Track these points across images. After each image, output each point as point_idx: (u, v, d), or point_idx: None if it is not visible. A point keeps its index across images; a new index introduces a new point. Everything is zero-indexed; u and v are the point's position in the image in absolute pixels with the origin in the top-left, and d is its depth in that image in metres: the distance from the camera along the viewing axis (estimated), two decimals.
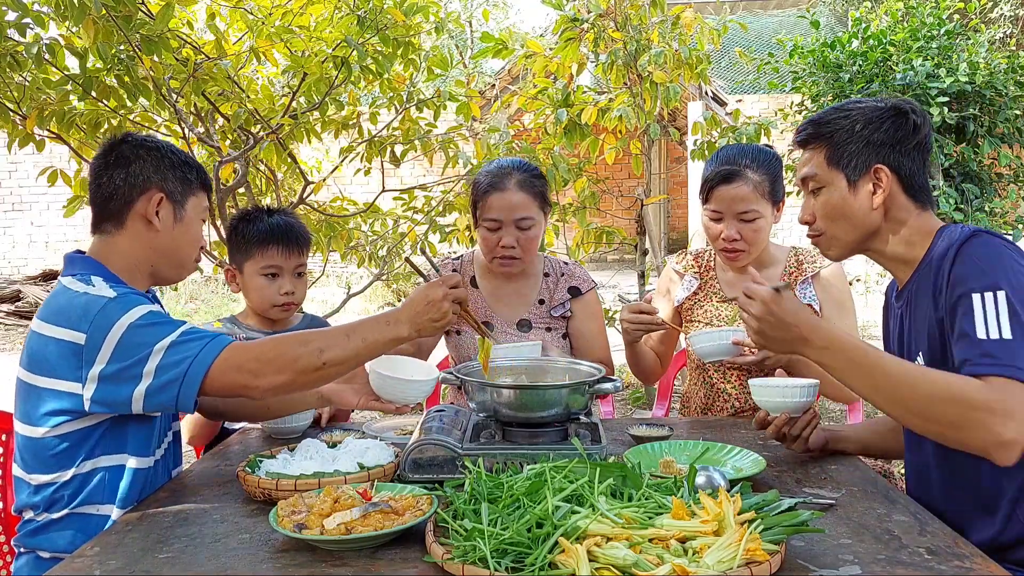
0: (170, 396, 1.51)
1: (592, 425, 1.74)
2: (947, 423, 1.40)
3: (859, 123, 1.61)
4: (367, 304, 9.89)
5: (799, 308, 1.53)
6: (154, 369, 1.51)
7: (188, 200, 1.74)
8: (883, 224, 1.63)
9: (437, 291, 1.62)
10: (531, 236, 2.31)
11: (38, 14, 2.69)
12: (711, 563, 1.12)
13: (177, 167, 1.72)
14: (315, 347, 1.54)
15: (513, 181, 2.29)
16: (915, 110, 1.62)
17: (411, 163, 6.05)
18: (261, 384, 1.52)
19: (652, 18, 4.03)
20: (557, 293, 2.46)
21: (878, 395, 1.47)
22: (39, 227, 11.91)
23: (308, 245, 2.30)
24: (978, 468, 1.51)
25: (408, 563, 1.27)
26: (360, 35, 3.11)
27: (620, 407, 5.38)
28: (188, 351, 1.51)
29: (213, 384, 1.52)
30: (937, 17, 4.41)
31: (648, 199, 4.66)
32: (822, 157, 1.64)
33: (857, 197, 1.62)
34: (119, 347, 1.51)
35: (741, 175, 2.17)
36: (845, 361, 1.49)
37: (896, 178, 1.60)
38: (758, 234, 2.21)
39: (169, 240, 1.72)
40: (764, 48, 7.77)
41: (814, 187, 1.67)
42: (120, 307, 1.54)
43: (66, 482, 1.60)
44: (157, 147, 1.73)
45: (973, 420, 1.36)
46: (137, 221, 1.69)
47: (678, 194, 14.37)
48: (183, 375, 1.50)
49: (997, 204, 4.39)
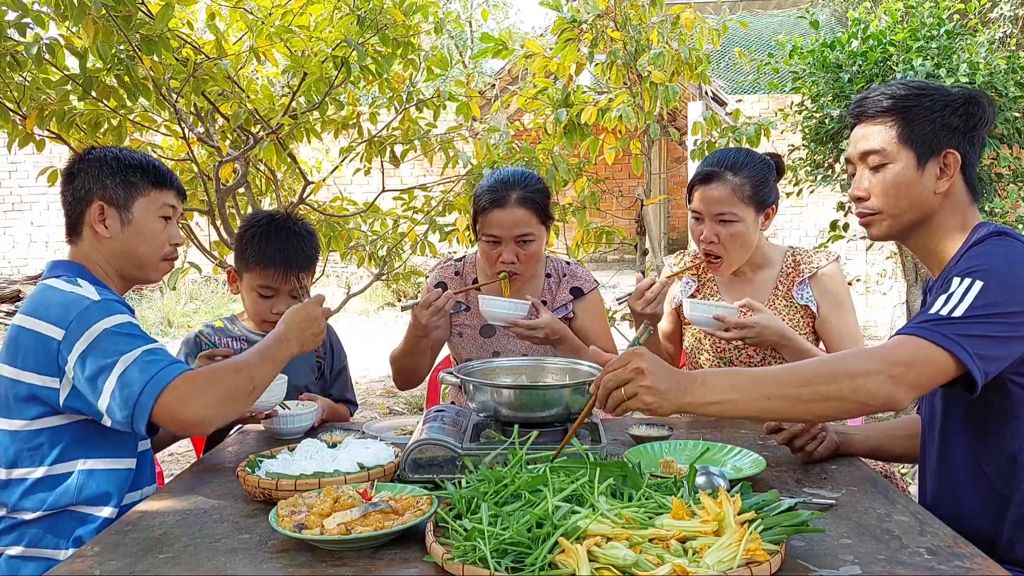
0: (125, 416, 1.53)
1: (592, 425, 1.74)
2: (840, 399, 1.41)
3: (938, 104, 1.57)
4: (367, 304, 9.88)
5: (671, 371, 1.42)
6: (115, 380, 1.53)
7: (134, 203, 1.76)
8: (937, 210, 1.60)
9: (316, 309, 1.81)
10: (532, 251, 2.32)
11: (38, 14, 2.69)
12: (711, 563, 1.12)
13: (117, 172, 1.75)
14: (247, 375, 1.63)
15: (514, 197, 2.28)
16: (989, 101, 1.59)
17: (411, 163, 6.06)
18: (212, 415, 1.57)
19: (652, 18, 4.03)
20: (559, 294, 2.46)
21: (774, 403, 1.41)
22: (39, 227, 11.90)
23: (311, 266, 2.26)
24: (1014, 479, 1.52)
25: (408, 563, 1.27)
26: (360, 35, 3.11)
27: None
28: (144, 374, 1.53)
29: (161, 414, 1.53)
30: (937, 17, 4.41)
31: (648, 199, 4.66)
32: (893, 133, 1.59)
33: (923, 178, 1.58)
34: (91, 349, 1.55)
35: (720, 176, 2.18)
36: (727, 388, 1.41)
37: (961, 166, 1.58)
38: (735, 239, 2.19)
39: (121, 244, 1.76)
40: (764, 48, 7.78)
41: (877, 163, 1.61)
42: (101, 311, 1.59)
43: (40, 479, 1.62)
44: (99, 158, 1.77)
45: (856, 387, 1.39)
46: (88, 231, 1.76)
47: (678, 194, 14.36)
48: (136, 396, 1.52)
49: (997, 204, 4.39)
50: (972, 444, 1.57)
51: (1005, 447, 1.52)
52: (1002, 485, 1.53)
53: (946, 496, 1.62)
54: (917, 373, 1.42)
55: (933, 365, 1.42)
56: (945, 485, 1.63)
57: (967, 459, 1.58)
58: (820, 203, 9.35)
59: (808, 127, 4.77)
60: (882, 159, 1.60)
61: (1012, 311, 1.43)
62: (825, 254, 2.30)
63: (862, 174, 1.64)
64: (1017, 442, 1.51)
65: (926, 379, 1.43)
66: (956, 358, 1.41)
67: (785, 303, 2.26)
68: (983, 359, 1.42)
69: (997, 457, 1.53)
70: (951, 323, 1.43)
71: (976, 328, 1.42)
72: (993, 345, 1.43)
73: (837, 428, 1.82)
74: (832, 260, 2.28)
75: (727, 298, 2.32)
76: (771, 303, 2.27)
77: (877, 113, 1.61)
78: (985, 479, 1.55)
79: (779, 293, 2.28)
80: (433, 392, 2.90)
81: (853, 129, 1.68)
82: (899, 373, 1.41)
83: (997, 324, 1.43)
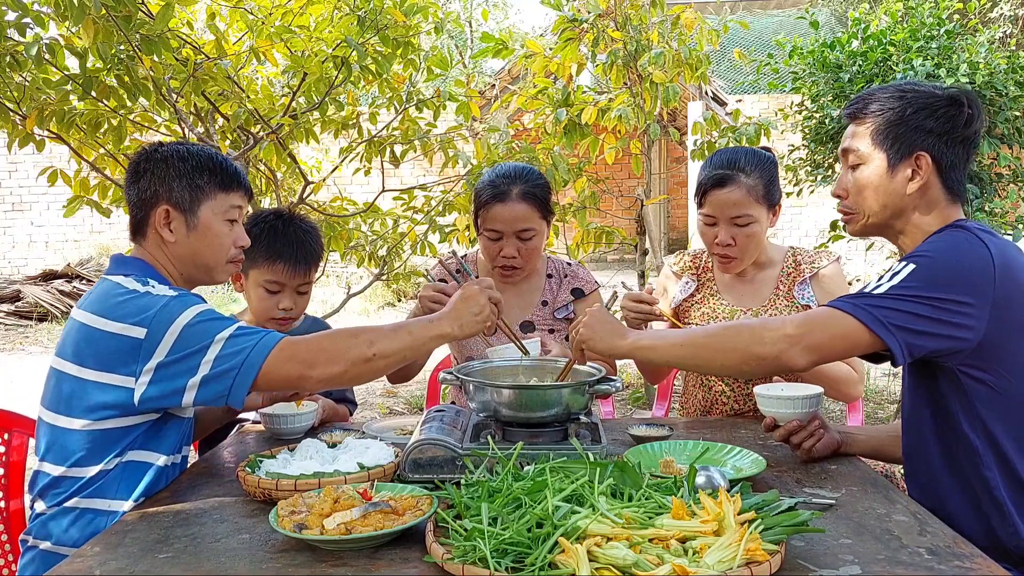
0: (224, 386, 1.54)
1: (592, 425, 1.73)
2: (737, 350, 1.57)
3: (912, 107, 1.60)
4: (367, 304, 9.88)
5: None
6: (212, 359, 1.54)
7: (201, 206, 1.73)
8: (912, 210, 1.63)
9: (473, 288, 1.72)
10: (532, 246, 2.32)
11: (38, 14, 2.69)
12: (711, 563, 1.12)
13: (184, 175, 1.72)
14: (365, 339, 1.59)
15: (515, 192, 2.29)
16: (972, 103, 1.61)
17: (411, 163, 6.05)
18: (315, 374, 1.56)
19: (652, 18, 4.03)
20: (560, 295, 2.46)
21: (684, 350, 1.65)
22: (39, 227, 11.90)
23: (318, 261, 2.27)
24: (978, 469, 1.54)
25: (408, 563, 1.27)
26: (360, 35, 3.11)
27: (620, 407, 5.38)
28: (245, 343, 1.55)
29: (268, 375, 1.54)
30: (937, 17, 4.40)
31: (648, 199, 4.66)
32: (868, 133, 1.64)
33: (893, 180, 1.62)
34: (179, 341, 1.54)
35: (735, 179, 2.17)
36: (653, 336, 1.71)
37: (936, 168, 1.60)
38: (751, 239, 2.20)
39: (187, 249, 1.74)
40: (764, 48, 7.77)
41: (854, 162, 1.67)
42: (180, 305, 1.58)
43: (90, 477, 1.61)
44: (166, 158, 1.73)
45: (752, 341, 1.55)
46: (154, 234, 1.74)
47: (678, 194, 14.37)
48: (240, 365, 1.53)
49: (997, 204, 4.38)
50: (941, 437, 1.61)
51: (968, 438, 1.56)
52: (970, 474, 1.57)
53: (932, 492, 1.64)
54: (818, 337, 1.52)
55: (839, 332, 1.51)
56: (929, 482, 1.66)
57: (940, 452, 1.61)
58: (820, 203, 9.35)
59: (808, 127, 4.76)
60: (857, 159, 1.67)
61: (938, 296, 1.48)
62: (826, 254, 2.30)
63: (845, 172, 1.71)
64: (975, 432, 1.55)
65: (826, 343, 1.52)
66: (869, 329, 1.48)
67: (786, 303, 2.26)
68: (903, 331, 1.48)
69: (965, 449, 1.57)
70: (871, 297, 1.51)
71: (898, 304, 1.49)
72: (917, 322, 1.48)
73: (839, 428, 1.82)
74: (833, 260, 2.28)
75: (727, 299, 2.32)
76: (772, 303, 2.27)
77: (860, 114, 1.67)
78: (956, 471, 1.59)
79: (780, 293, 2.28)
80: (433, 392, 2.90)
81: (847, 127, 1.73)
82: (798, 334, 1.52)
83: (921, 304, 1.48)
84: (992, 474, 1.53)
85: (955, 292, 1.48)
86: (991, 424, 1.53)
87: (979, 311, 1.48)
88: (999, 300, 1.49)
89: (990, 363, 1.52)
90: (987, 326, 1.49)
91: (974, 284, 1.49)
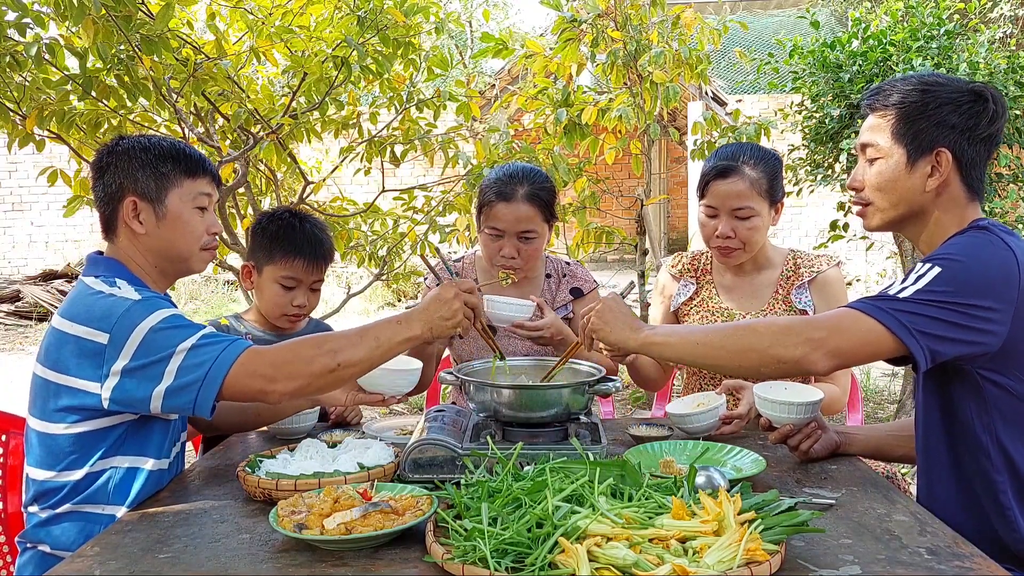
0: (188, 399, 1.52)
1: (592, 425, 1.73)
2: (757, 351, 1.51)
3: (935, 102, 1.56)
4: (367, 304, 9.88)
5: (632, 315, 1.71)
6: (175, 370, 1.51)
7: (168, 194, 1.71)
8: (930, 207, 1.60)
9: (449, 291, 1.65)
10: (533, 248, 2.32)
11: (38, 14, 2.69)
12: (711, 563, 1.12)
13: (147, 165, 1.70)
14: (328, 349, 1.54)
15: (521, 192, 2.28)
16: (996, 99, 1.57)
17: (411, 163, 6.06)
18: (277, 389, 1.53)
19: (652, 18, 4.03)
20: (559, 294, 2.46)
21: (701, 348, 1.58)
22: (39, 227, 11.90)
23: (331, 258, 2.29)
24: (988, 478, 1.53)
25: (408, 563, 1.27)
26: (360, 35, 3.11)
27: (620, 407, 5.38)
28: (208, 354, 1.52)
29: (231, 388, 1.52)
30: (937, 17, 4.40)
31: (648, 199, 4.66)
32: (888, 127, 1.60)
33: (912, 176, 1.58)
34: (141, 347, 1.52)
35: (738, 171, 2.16)
36: (668, 332, 1.65)
37: (956, 165, 1.57)
38: (753, 232, 2.19)
39: (159, 240, 1.72)
40: (764, 48, 7.77)
41: (872, 156, 1.63)
42: (144, 310, 1.56)
43: (78, 480, 1.60)
44: (127, 150, 1.71)
45: (773, 343, 1.49)
46: (125, 228, 1.71)
47: (678, 194, 14.37)
48: (203, 378, 1.51)
49: (997, 204, 4.38)
50: (950, 437, 1.59)
51: (980, 440, 1.54)
52: (977, 478, 1.55)
53: (937, 494, 1.63)
54: (840, 340, 1.47)
55: (862, 336, 1.46)
56: (936, 483, 1.64)
57: (948, 455, 1.60)
58: (820, 203, 9.34)
59: (808, 127, 4.76)
60: (876, 153, 1.62)
61: (964, 302, 1.45)
62: (827, 259, 2.29)
63: (861, 164, 1.66)
64: (988, 435, 1.53)
65: (850, 348, 1.47)
66: (892, 333, 1.44)
67: (784, 307, 2.25)
68: (927, 336, 1.44)
69: (975, 452, 1.55)
70: (895, 301, 1.47)
71: (923, 309, 1.45)
72: (941, 327, 1.44)
73: (838, 428, 1.82)
74: (833, 265, 2.27)
75: (726, 301, 2.32)
76: (770, 306, 2.26)
77: (882, 106, 1.63)
78: (964, 473, 1.57)
79: (778, 296, 2.27)
80: (433, 392, 2.90)
81: (866, 117, 1.69)
82: (820, 337, 1.46)
83: (947, 310, 1.45)
84: (1002, 478, 1.52)
85: (980, 297, 1.45)
86: (1004, 428, 1.51)
87: (1003, 315, 1.46)
88: (1022, 303, 1.47)
89: (1010, 366, 1.50)
90: (1010, 330, 1.46)
91: (999, 289, 1.46)
